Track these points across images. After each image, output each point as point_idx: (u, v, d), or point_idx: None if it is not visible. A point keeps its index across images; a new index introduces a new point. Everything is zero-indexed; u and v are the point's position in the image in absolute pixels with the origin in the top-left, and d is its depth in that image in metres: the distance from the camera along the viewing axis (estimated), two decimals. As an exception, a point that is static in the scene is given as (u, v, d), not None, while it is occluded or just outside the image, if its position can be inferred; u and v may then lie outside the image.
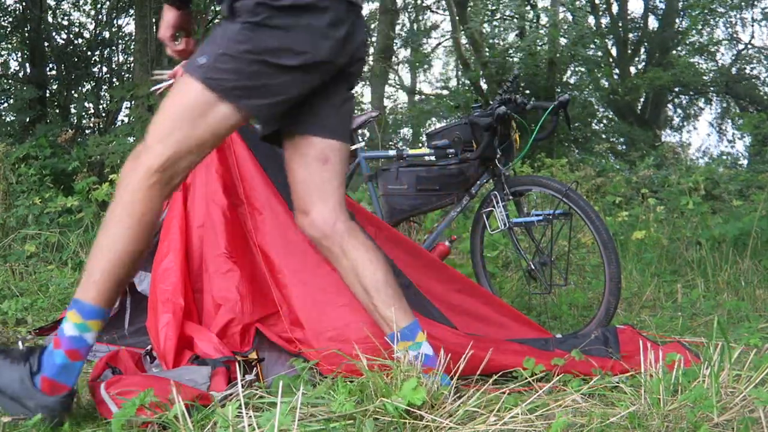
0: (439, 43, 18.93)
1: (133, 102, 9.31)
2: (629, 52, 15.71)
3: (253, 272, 2.27)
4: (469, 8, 13.20)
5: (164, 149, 1.64)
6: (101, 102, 11.43)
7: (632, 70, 15.57)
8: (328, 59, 1.72)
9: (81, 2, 12.63)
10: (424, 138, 3.52)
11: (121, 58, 12.55)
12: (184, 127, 1.65)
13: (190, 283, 2.27)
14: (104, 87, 11.87)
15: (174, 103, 1.69)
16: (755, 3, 14.20)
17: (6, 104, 10.84)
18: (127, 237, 1.63)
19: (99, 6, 12.79)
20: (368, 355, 1.80)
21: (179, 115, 1.66)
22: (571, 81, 15.27)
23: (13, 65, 11.72)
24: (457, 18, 13.19)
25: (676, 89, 15.84)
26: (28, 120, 9.40)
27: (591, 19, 15.16)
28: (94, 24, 12.79)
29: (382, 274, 1.86)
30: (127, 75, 11.61)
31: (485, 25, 14.30)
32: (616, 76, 15.23)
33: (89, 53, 12.09)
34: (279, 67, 1.66)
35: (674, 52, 15.05)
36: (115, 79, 12.01)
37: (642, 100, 15.63)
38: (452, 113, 14.17)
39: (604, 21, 15.78)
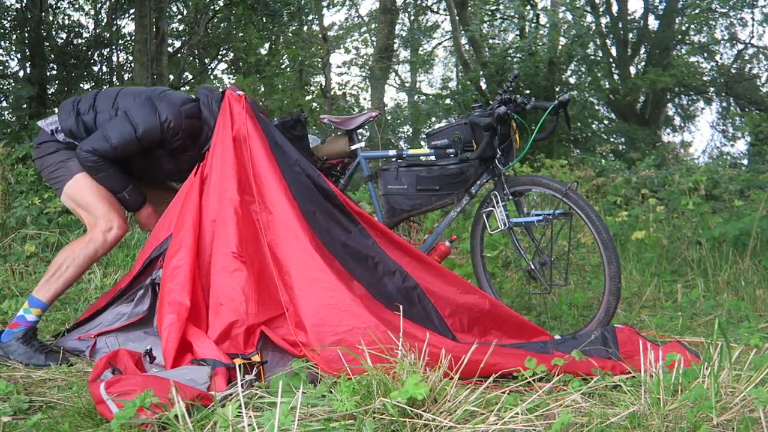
0: (439, 43, 18.92)
1: (133, 102, 9.28)
2: (629, 52, 15.68)
3: (262, 271, 2.25)
4: (469, 8, 13.18)
5: None
6: (101, 102, 11.39)
7: (632, 70, 15.56)
8: None
9: (81, 2, 12.62)
10: (424, 137, 3.51)
11: (121, 58, 12.52)
12: None
13: (200, 280, 2.25)
14: (104, 87, 11.84)
15: None
16: (755, 3, 14.18)
17: (5, 102, 10.82)
18: None
19: (99, 6, 12.79)
20: (372, 355, 1.80)
21: None
22: (571, 81, 15.25)
23: (13, 65, 11.71)
24: (458, 18, 13.17)
25: (677, 89, 15.83)
26: (28, 118, 9.37)
27: (589, 18, 15.13)
28: (94, 24, 12.78)
29: None
30: (127, 75, 11.60)
31: (485, 25, 14.27)
32: (616, 76, 15.21)
33: (89, 53, 12.07)
34: None
35: (674, 52, 15.03)
36: (115, 79, 11.98)
37: (642, 100, 15.61)
38: (452, 112, 14.16)
39: (604, 21, 15.77)
